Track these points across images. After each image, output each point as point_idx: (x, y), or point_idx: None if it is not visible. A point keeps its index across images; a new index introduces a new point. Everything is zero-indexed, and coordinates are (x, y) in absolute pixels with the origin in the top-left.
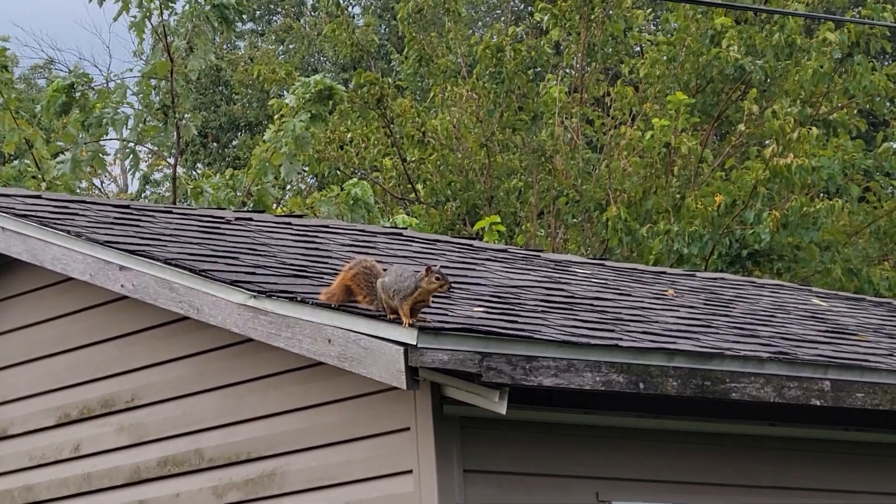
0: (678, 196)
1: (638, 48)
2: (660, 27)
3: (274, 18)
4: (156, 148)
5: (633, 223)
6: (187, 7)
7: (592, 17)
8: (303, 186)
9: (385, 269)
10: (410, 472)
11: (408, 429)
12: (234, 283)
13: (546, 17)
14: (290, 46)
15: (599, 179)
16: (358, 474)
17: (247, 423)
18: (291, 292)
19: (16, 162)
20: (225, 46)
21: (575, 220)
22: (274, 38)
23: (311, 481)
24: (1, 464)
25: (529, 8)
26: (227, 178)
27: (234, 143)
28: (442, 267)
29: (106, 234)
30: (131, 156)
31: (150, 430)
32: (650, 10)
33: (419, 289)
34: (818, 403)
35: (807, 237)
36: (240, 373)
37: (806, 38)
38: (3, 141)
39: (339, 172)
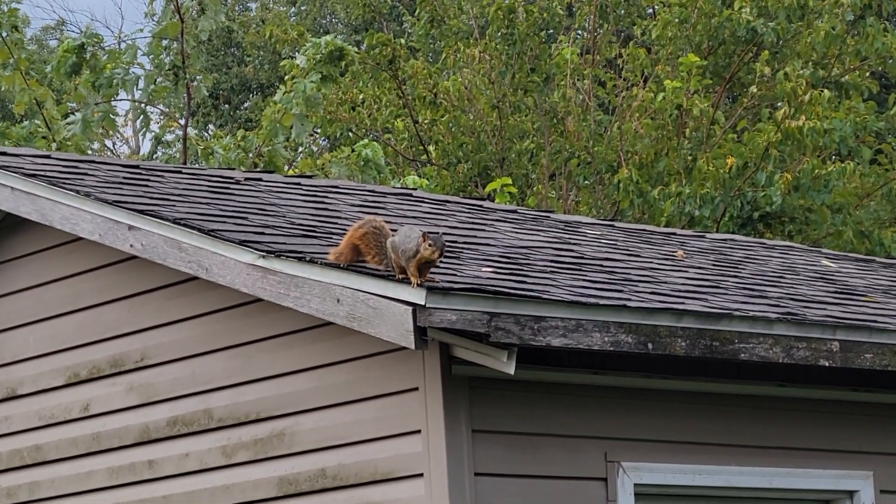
0: (690, 158)
1: (650, 10)
2: None
3: None
4: (167, 109)
5: (644, 185)
6: None
7: None
8: (315, 148)
9: (394, 230)
10: (419, 431)
11: (416, 389)
12: (242, 242)
13: None
14: (302, 8)
15: (611, 141)
16: (367, 434)
17: (256, 383)
18: (300, 252)
19: (26, 123)
20: (237, 8)
21: (586, 181)
22: None
23: (320, 441)
24: (10, 423)
25: None
26: (239, 139)
27: (246, 104)
28: (451, 227)
29: (115, 194)
30: (142, 116)
31: (160, 390)
32: None
33: (419, 253)
34: (827, 364)
35: (818, 199)
36: (249, 333)
37: (818, 0)
38: (13, 101)
39: (350, 134)
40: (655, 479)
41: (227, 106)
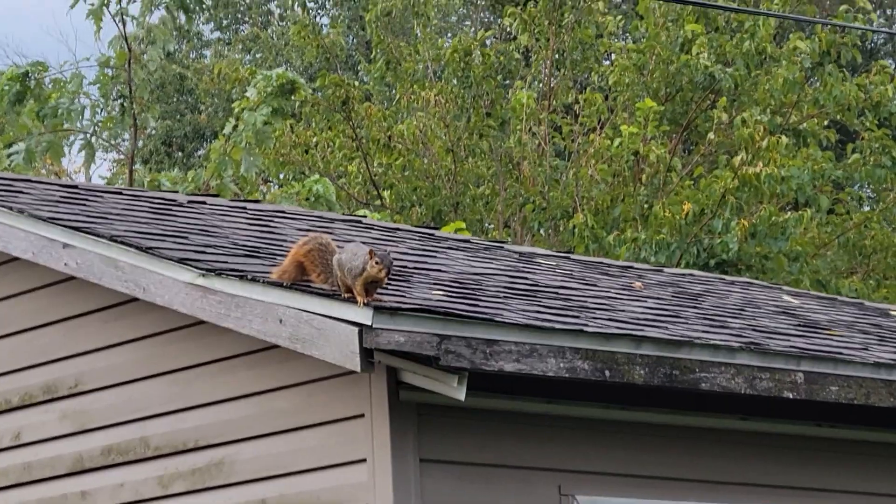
0: (646, 204)
1: (607, 57)
2: (629, 35)
3: (241, 28)
4: (120, 153)
5: (599, 231)
6: None
7: (563, 22)
8: (264, 190)
9: (341, 247)
10: (364, 461)
11: (362, 415)
12: (181, 261)
13: (515, 23)
14: (257, 55)
15: (567, 187)
16: (310, 463)
17: (195, 410)
18: (242, 271)
19: None
20: (191, 55)
21: (541, 228)
22: (241, 46)
23: (261, 470)
24: None
25: (499, 19)
26: (189, 179)
27: (200, 152)
28: (402, 253)
29: (50, 212)
30: (87, 147)
31: (95, 418)
32: (620, 17)
33: (365, 271)
34: (791, 396)
35: (775, 247)
36: (188, 357)
37: (776, 47)
38: None
39: (304, 176)
40: None
41: (180, 153)
